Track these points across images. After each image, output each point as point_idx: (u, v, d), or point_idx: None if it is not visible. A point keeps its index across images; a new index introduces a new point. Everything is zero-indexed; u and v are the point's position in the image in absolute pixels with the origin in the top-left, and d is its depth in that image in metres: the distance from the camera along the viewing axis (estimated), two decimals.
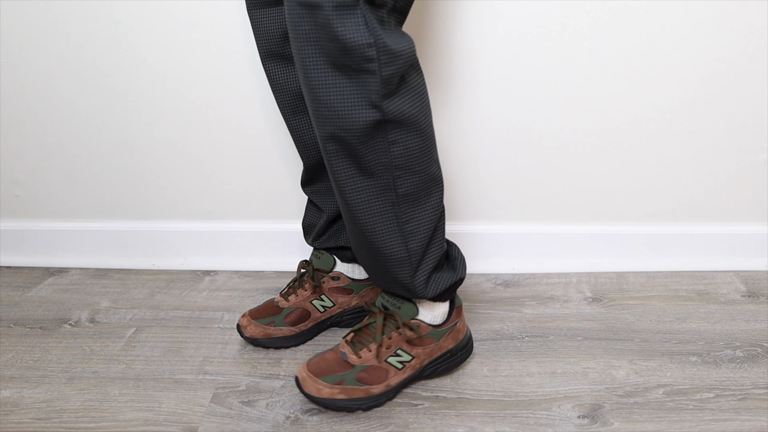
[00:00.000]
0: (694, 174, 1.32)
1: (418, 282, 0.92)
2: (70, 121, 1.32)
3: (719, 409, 0.94)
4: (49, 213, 1.41)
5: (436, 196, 0.90)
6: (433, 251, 0.93)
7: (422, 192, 0.89)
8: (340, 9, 0.75)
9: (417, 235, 0.90)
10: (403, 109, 0.83)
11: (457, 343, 1.00)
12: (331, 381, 0.92)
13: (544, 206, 1.35)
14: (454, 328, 0.99)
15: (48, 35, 1.25)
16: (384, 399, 0.95)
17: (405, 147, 0.85)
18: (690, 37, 1.21)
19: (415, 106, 0.84)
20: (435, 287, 0.93)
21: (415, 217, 0.89)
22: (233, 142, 1.32)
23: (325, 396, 0.91)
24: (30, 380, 1.02)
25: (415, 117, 0.84)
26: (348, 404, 0.92)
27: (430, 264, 0.92)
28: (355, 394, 0.92)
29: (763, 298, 1.24)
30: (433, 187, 0.90)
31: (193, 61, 1.26)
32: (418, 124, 0.85)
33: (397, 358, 0.95)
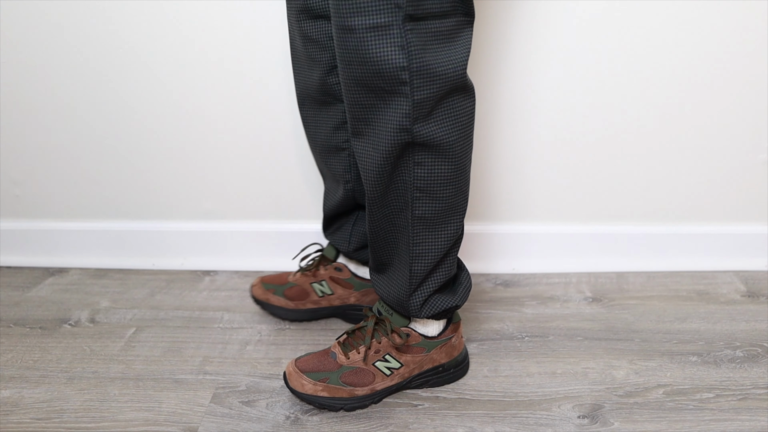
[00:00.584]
0: (694, 174, 1.32)
1: (413, 302, 0.91)
2: (70, 121, 1.32)
3: (719, 409, 0.94)
4: (49, 213, 1.41)
5: (454, 224, 0.87)
6: (439, 275, 0.91)
7: (440, 218, 0.86)
8: (374, 31, 0.73)
9: (424, 259, 0.88)
10: (436, 134, 0.80)
11: (451, 359, 0.99)
12: (315, 378, 0.92)
13: (544, 206, 1.35)
14: (449, 342, 0.98)
15: (48, 35, 1.25)
16: (368, 402, 0.94)
17: (430, 171, 0.82)
18: (690, 37, 1.21)
19: (451, 132, 0.80)
20: (430, 309, 0.92)
21: (427, 241, 0.87)
22: (233, 143, 1.32)
23: (307, 392, 0.92)
24: (30, 380, 1.02)
25: (449, 143, 0.80)
26: (330, 402, 0.92)
27: (431, 287, 0.91)
28: (337, 393, 0.92)
29: (763, 298, 1.24)
30: (453, 216, 0.87)
31: (193, 62, 1.26)
32: (451, 151, 0.81)
33: (386, 363, 0.94)
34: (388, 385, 0.95)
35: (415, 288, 0.90)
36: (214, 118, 1.30)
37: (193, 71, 1.26)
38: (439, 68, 0.76)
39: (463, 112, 0.81)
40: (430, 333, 0.96)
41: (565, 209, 1.35)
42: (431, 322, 0.96)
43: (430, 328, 0.96)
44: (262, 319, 1.19)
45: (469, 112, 0.82)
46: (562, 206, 1.35)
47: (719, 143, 1.29)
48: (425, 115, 0.78)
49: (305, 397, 0.92)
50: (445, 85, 0.77)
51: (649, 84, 1.25)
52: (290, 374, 0.94)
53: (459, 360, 1.00)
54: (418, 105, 0.77)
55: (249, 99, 1.28)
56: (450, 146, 0.81)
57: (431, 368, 0.98)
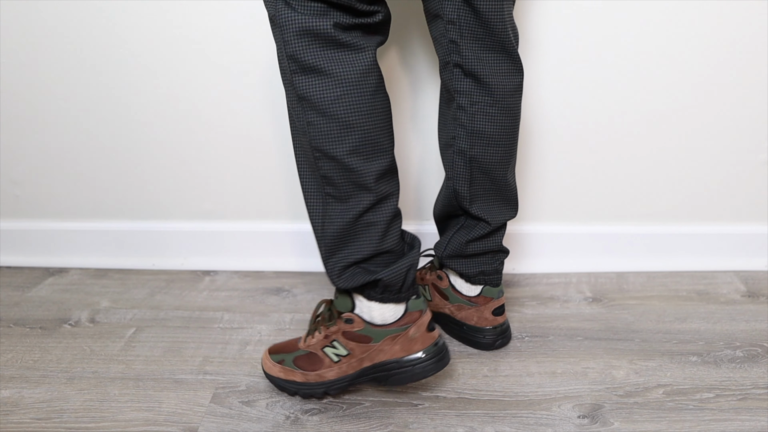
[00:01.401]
0: (694, 174, 1.32)
1: (330, 269, 0.90)
2: (70, 122, 1.32)
3: (719, 409, 0.94)
4: (49, 213, 1.41)
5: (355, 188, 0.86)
6: (361, 245, 0.89)
7: (340, 178, 0.86)
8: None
9: (334, 222, 0.88)
10: (309, 90, 0.83)
11: (407, 354, 0.91)
12: (275, 359, 0.97)
13: (545, 206, 1.35)
14: (403, 334, 0.90)
15: (48, 36, 1.25)
16: (320, 390, 0.94)
17: (318, 129, 0.84)
18: (689, 37, 1.21)
19: (324, 89, 0.83)
20: (348, 279, 0.90)
21: (334, 204, 0.88)
22: (233, 143, 1.32)
23: (268, 371, 0.97)
24: (30, 380, 1.02)
25: (320, 99, 0.83)
26: (285, 384, 0.95)
27: (353, 257, 0.89)
28: (291, 375, 0.95)
29: (763, 298, 1.24)
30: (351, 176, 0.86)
31: (193, 62, 1.26)
32: (325, 107, 0.83)
33: (333, 349, 0.93)
34: (339, 375, 0.93)
35: (332, 252, 0.90)
36: (214, 118, 1.30)
37: (193, 71, 1.26)
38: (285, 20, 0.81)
39: (344, 69, 0.84)
40: (376, 320, 0.91)
41: (565, 209, 1.35)
42: (375, 306, 0.91)
43: (374, 313, 0.91)
44: (262, 320, 1.19)
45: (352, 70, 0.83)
46: (562, 206, 1.35)
47: (719, 143, 1.29)
48: (303, 68, 0.83)
49: (267, 377, 0.97)
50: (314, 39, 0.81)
51: (649, 84, 1.25)
52: (264, 354, 0.99)
53: (421, 357, 0.90)
54: (291, 57, 0.83)
55: (249, 99, 1.28)
56: (331, 102, 0.83)
57: (384, 362, 0.91)
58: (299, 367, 0.95)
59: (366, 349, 0.92)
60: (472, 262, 1.07)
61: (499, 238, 1.07)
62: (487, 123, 0.99)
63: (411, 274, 0.92)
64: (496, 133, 0.99)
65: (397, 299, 0.91)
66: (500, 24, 0.92)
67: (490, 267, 1.07)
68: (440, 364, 0.92)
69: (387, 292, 0.91)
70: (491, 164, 1.01)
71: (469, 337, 1.10)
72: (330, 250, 0.90)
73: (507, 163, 1.02)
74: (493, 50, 0.95)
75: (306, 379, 0.94)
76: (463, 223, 1.07)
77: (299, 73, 0.83)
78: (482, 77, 0.96)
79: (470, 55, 0.95)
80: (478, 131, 1.00)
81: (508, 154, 1.02)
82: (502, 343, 1.09)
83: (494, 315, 1.08)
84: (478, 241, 1.06)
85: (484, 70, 0.96)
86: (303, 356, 0.95)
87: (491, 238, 1.06)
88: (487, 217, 1.04)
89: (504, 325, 1.09)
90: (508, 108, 0.98)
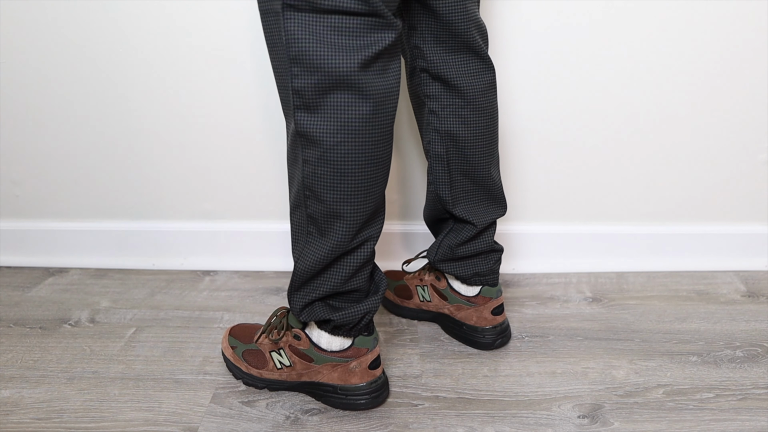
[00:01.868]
0: (694, 174, 1.32)
1: (294, 301, 0.91)
2: (70, 122, 1.32)
3: (719, 409, 0.94)
4: (49, 213, 1.41)
5: (340, 233, 0.84)
6: (325, 283, 0.88)
7: (326, 223, 0.84)
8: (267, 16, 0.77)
9: (306, 260, 0.86)
10: (315, 129, 0.78)
11: (344, 383, 0.93)
12: (231, 342, 1.03)
13: (544, 206, 1.35)
14: (344, 365, 0.92)
15: (48, 36, 1.25)
16: (262, 385, 0.98)
17: (314, 171, 0.81)
18: (689, 37, 1.21)
19: (332, 131, 0.78)
20: (308, 314, 0.90)
21: (314, 243, 0.86)
22: (233, 143, 1.32)
23: (224, 351, 1.03)
24: (30, 380, 1.02)
25: (329, 143, 0.78)
26: (231, 367, 1.01)
27: (316, 293, 0.88)
28: (237, 362, 1.00)
29: (763, 298, 1.24)
30: (337, 223, 0.83)
31: (193, 62, 1.26)
32: (331, 152, 0.79)
33: (278, 356, 0.96)
34: (276, 378, 0.97)
35: (297, 287, 0.90)
36: (214, 118, 1.30)
37: (194, 71, 1.26)
38: (320, 61, 0.74)
39: (352, 114, 0.77)
40: (322, 344, 0.93)
41: (566, 209, 1.35)
42: (324, 334, 0.92)
43: (322, 339, 0.92)
44: (262, 320, 1.19)
45: (360, 117, 0.77)
46: (562, 206, 1.35)
47: (719, 143, 1.29)
48: (307, 105, 0.77)
49: (222, 354, 1.04)
50: (325, 79, 0.75)
51: (649, 84, 1.25)
52: (226, 331, 1.05)
53: (357, 390, 0.93)
54: (297, 93, 0.77)
55: (249, 99, 1.28)
56: (331, 148, 0.78)
57: (322, 383, 0.94)
58: (246, 359, 0.99)
59: (307, 366, 0.94)
60: (466, 265, 1.07)
61: (489, 238, 1.05)
62: (460, 125, 0.97)
63: (366, 318, 0.91)
64: (471, 134, 0.98)
65: (347, 335, 0.92)
66: (463, 24, 0.90)
67: (485, 267, 1.07)
68: (375, 402, 0.94)
69: (337, 329, 0.92)
70: (470, 166, 1.00)
71: (468, 337, 1.10)
72: (298, 283, 0.89)
73: (488, 163, 1.00)
74: (459, 51, 0.93)
75: (249, 371, 0.99)
76: (452, 227, 1.06)
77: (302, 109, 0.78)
78: (450, 80, 0.95)
79: (435, 59, 0.94)
80: (453, 134, 0.98)
81: (488, 154, 1.00)
82: (502, 342, 1.09)
83: (493, 314, 1.08)
84: (467, 244, 1.05)
85: (451, 72, 0.94)
86: (252, 351, 0.99)
87: (480, 239, 1.05)
88: (472, 218, 1.02)
89: (503, 324, 1.09)
90: (481, 108, 0.97)
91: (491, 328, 1.08)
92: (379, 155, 0.81)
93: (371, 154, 0.80)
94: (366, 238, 0.86)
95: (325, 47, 0.74)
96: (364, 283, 0.90)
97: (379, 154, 0.81)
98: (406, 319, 1.18)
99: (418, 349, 1.09)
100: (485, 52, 0.94)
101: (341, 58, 0.74)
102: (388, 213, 1.36)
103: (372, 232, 0.87)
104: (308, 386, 0.97)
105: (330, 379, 0.94)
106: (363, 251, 0.87)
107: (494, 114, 0.99)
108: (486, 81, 0.96)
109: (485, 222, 1.03)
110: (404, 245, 1.37)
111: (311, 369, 0.94)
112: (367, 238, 0.87)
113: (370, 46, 0.76)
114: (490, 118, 0.98)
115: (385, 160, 0.83)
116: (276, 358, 0.96)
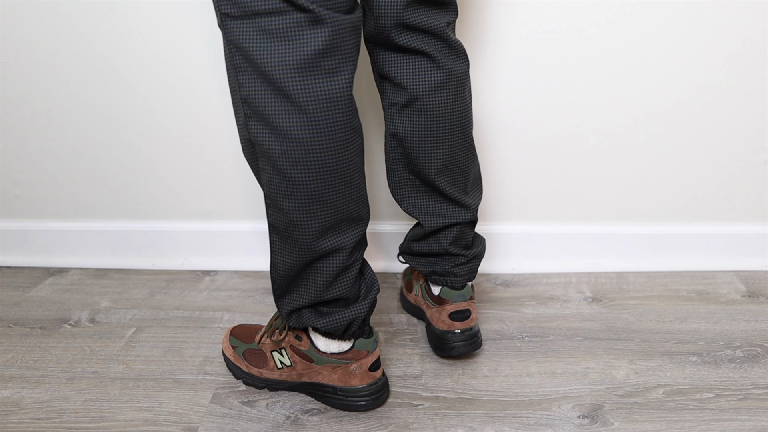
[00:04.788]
0: (694, 174, 1.32)
1: (281, 307, 0.91)
2: (70, 121, 1.32)
3: (719, 409, 0.94)
4: (49, 213, 1.41)
5: (302, 243, 0.82)
6: (305, 291, 0.87)
7: (287, 231, 0.83)
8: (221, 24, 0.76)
9: (277, 269, 0.87)
10: (259, 137, 0.77)
11: (344, 385, 0.93)
12: (231, 342, 1.03)
13: (544, 206, 1.35)
14: (344, 367, 0.92)
15: (48, 35, 1.25)
16: (262, 385, 0.99)
17: (269, 180, 0.80)
18: (689, 37, 1.21)
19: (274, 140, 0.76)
20: (296, 320, 0.91)
21: (280, 252, 0.85)
22: (233, 143, 1.32)
23: (224, 351, 1.03)
24: (30, 380, 1.02)
25: (275, 152, 0.77)
26: (232, 367, 1.02)
27: (301, 300, 0.88)
28: (238, 362, 1.01)
29: (763, 298, 1.24)
30: (297, 232, 0.82)
31: (193, 61, 1.26)
32: (279, 161, 0.77)
33: (280, 356, 0.96)
34: (276, 378, 0.97)
35: (280, 295, 0.91)
36: (214, 117, 1.30)
37: (193, 71, 1.26)
38: (258, 67, 0.73)
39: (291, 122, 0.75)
40: (320, 346, 0.93)
41: (565, 209, 1.35)
42: (320, 337, 0.92)
43: (320, 342, 0.93)
44: (262, 320, 1.19)
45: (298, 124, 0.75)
46: (561, 206, 1.35)
47: (719, 143, 1.29)
48: (256, 114, 0.76)
49: (222, 354, 1.05)
50: (265, 85, 0.74)
51: (648, 84, 1.25)
52: (226, 332, 1.06)
53: (357, 392, 0.93)
54: (245, 102, 0.76)
55: None
56: (278, 157, 0.77)
57: (322, 384, 0.95)
58: (246, 359, 1.00)
59: (307, 367, 0.95)
60: (421, 261, 1.05)
61: (444, 242, 1.00)
62: (403, 125, 0.95)
63: (354, 325, 0.90)
64: (411, 133, 0.95)
65: (342, 339, 0.92)
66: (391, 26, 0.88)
67: (442, 268, 1.02)
68: (375, 403, 0.94)
69: (328, 335, 0.92)
70: (416, 166, 0.97)
71: (429, 338, 1.07)
72: (279, 291, 0.90)
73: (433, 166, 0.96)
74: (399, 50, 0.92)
75: (249, 370, 0.99)
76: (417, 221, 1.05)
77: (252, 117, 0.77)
78: (393, 78, 0.93)
79: (378, 57, 0.94)
80: (395, 133, 0.97)
81: (434, 157, 0.96)
82: (459, 351, 1.01)
83: (451, 319, 1.02)
84: (419, 242, 1.03)
85: (392, 70, 0.93)
86: (253, 351, 1.00)
87: (432, 239, 1.01)
88: (419, 217, 1.00)
89: (461, 333, 1.02)
90: (427, 108, 0.93)
91: (448, 333, 1.02)
92: (331, 165, 0.78)
93: (320, 163, 0.77)
94: (336, 247, 0.83)
95: (260, 52, 0.73)
96: (349, 290, 0.88)
97: (330, 163, 0.78)
98: (407, 319, 1.18)
99: (418, 349, 1.09)
100: (432, 53, 0.90)
101: (275, 62, 0.72)
102: (387, 213, 1.36)
103: (343, 241, 0.84)
104: (308, 387, 0.97)
105: (330, 380, 0.94)
106: (335, 260, 0.84)
107: (445, 116, 0.94)
108: (434, 80, 0.91)
109: (435, 224, 0.99)
110: None
111: (312, 369, 0.94)
112: (338, 247, 0.84)
113: (302, 48, 0.72)
114: (438, 119, 0.93)
115: (342, 170, 0.79)
116: (277, 358, 0.96)
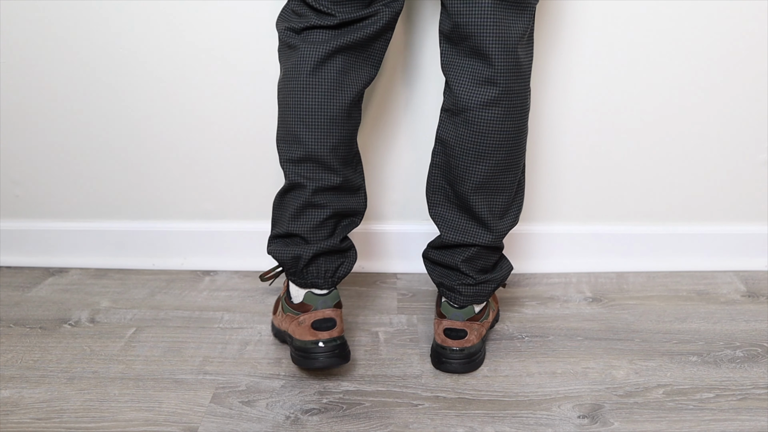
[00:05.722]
0: (694, 174, 1.32)
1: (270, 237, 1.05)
2: (70, 122, 1.32)
3: (719, 409, 0.94)
4: (49, 213, 1.41)
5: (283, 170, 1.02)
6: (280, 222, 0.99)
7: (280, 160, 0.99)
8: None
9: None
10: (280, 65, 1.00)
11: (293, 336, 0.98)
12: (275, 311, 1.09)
13: (544, 206, 1.35)
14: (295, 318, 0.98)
15: (48, 36, 1.25)
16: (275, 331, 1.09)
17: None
18: (689, 37, 1.21)
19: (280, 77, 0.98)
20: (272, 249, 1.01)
21: None
22: (233, 143, 1.32)
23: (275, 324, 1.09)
24: (30, 380, 1.02)
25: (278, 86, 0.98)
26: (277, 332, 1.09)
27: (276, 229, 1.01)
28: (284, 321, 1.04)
29: (763, 298, 1.24)
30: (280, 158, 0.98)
31: (193, 61, 1.26)
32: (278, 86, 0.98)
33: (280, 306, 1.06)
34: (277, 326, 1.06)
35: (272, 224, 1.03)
36: (214, 118, 1.30)
37: (193, 71, 1.26)
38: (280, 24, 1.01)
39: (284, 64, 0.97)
40: (291, 295, 1.02)
41: (566, 209, 1.35)
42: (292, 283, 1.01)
43: (292, 289, 1.02)
44: (262, 319, 1.19)
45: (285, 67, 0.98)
46: (562, 206, 1.35)
47: (719, 143, 1.29)
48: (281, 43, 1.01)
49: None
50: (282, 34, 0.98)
51: (648, 84, 1.25)
52: None
53: (298, 346, 0.96)
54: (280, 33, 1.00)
55: (249, 98, 1.28)
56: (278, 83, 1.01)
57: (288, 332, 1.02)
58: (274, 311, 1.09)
59: (282, 315, 1.04)
60: (435, 270, 1.04)
61: (458, 258, 0.98)
62: (448, 131, 0.94)
63: (300, 263, 0.97)
64: (455, 143, 0.93)
65: (295, 282, 0.99)
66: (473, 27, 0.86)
67: (450, 282, 1.01)
68: (306, 363, 0.95)
69: (290, 276, 0.99)
70: (453, 176, 0.95)
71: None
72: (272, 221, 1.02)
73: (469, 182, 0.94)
74: (465, 55, 0.90)
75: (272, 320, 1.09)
76: None
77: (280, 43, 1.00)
78: (450, 81, 0.93)
79: (445, 57, 0.93)
80: (440, 137, 0.97)
81: (471, 173, 0.93)
82: (448, 368, 1.00)
83: (444, 335, 1.00)
84: (436, 250, 1.02)
85: (452, 74, 0.92)
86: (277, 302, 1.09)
87: (447, 252, 1.00)
88: (440, 227, 1.00)
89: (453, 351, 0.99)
90: (474, 122, 0.90)
91: (441, 347, 1.01)
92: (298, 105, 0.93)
93: (290, 100, 0.94)
94: (296, 183, 0.95)
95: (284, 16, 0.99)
96: (311, 232, 0.96)
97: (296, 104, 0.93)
98: (407, 319, 1.18)
99: (418, 349, 1.09)
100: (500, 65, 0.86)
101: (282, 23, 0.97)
102: (387, 213, 1.36)
103: (301, 179, 0.94)
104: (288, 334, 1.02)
105: (291, 330, 0.99)
106: (298, 195, 0.95)
107: (491, 134, 0.90)
108: (486, 96, 0.88)
109: (454, 240, 0.97)
110: (403, 245, 1.37)
111: (284, 317, 1.02)
112: (298, 184, 0.95)
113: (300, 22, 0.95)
114: (482, 136, 0.90)
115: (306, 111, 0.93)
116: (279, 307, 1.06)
